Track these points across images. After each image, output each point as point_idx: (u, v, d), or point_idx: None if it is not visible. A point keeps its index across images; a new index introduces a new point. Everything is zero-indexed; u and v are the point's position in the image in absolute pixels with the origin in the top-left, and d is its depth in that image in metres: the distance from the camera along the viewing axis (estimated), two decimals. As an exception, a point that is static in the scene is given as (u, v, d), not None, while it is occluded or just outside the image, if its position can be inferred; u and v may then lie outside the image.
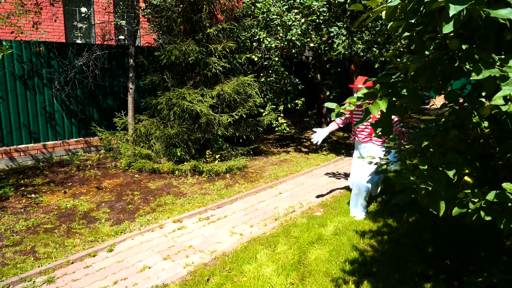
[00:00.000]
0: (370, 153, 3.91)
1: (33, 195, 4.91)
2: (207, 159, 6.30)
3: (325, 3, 5.78)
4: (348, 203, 4.45)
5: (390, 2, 1.32)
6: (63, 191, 5.11)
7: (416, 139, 1.87)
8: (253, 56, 7.15)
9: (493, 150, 1.99)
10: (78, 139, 6.87)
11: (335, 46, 5.82)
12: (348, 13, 6.28)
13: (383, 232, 3.80)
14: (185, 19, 6.46)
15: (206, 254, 3.46)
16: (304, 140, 9.06)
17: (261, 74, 7.57)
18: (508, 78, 1.29)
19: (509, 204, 1.36)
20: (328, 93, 9.53)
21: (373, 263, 3.14)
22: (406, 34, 1.41)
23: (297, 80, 7.95)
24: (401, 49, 5.93)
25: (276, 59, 7.05)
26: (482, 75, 1.22)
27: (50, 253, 3.47)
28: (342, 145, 8.75)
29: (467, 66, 1.27)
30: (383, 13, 1.37)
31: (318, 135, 3.97)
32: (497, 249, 3.11)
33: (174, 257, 3.42)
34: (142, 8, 6.36)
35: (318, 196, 5.09)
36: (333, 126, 4.11)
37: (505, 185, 1.37)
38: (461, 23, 1.41)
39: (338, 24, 5.74)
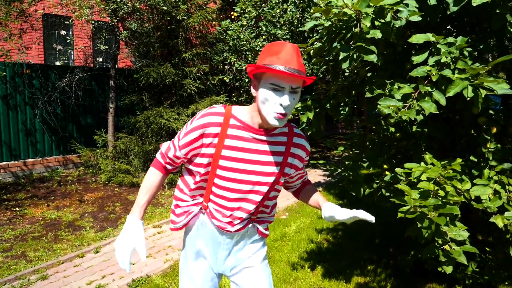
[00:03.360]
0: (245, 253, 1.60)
1: (17, 208, 5.18)
2: (183, 172, 6.75)
3: (287, 31, 6.56)
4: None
5: (315, 45, 1.94)
6: (46, 204, 5.40)
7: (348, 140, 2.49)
8: (225, 78, 7.78)
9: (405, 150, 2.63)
10: (58, 156, 7.16)
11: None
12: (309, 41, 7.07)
13: (339, 229, 4.39)
14: (162, 44, 7.03)
15: (184, 252, 3.91)
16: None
17: (233, 94, 8.20)
18: (393, 96, 1.92)
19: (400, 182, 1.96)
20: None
21: (327, 252, 3.71)
22: (324, 67, 2.02)
23: (266, 99, 8.60)
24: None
25: (247, 80, 7.70)
26: (374, 93, 1.83)
27: (41, 256, 3.81)
28: (310, 158, 9.42)
29: (366, 88, 1.88)
30: (312, 51, 1.98)
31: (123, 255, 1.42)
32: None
33: (155, 255, 3.85)
34: (122, 34, 6.87)
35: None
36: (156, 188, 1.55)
37: (397, 169, 1.98)
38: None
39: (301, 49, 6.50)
